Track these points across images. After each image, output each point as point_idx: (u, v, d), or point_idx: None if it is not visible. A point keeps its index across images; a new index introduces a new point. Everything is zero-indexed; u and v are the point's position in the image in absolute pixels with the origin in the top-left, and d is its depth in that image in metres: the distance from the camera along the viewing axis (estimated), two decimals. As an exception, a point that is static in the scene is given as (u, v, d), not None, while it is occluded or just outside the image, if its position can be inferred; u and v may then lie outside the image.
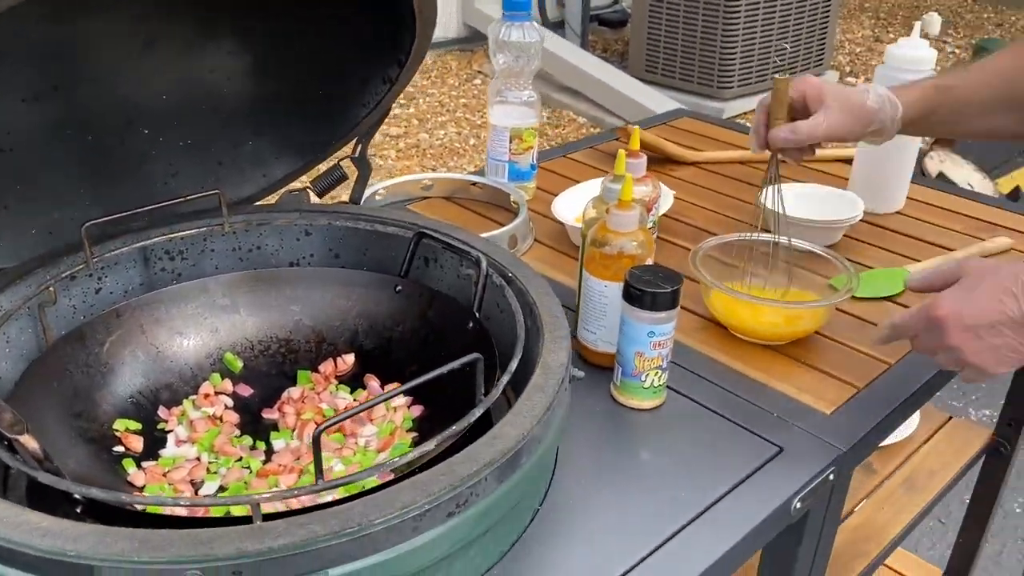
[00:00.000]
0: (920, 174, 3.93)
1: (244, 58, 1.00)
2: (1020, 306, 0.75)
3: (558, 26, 5.00)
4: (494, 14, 4.58)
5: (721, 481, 0.79)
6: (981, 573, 1.67)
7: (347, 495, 0.65)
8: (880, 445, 1.42)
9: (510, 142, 1.30)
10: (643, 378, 0.86)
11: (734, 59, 4.18)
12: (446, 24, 4.76)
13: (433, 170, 3.54)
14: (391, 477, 0.67)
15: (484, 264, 0.88)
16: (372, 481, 0.68)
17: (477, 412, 0.67)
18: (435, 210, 1.31)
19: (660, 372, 0.87)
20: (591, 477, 0.79)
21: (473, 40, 4.81)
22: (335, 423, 0.61)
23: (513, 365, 0.73)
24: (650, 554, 0.71)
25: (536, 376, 0.73)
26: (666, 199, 1.25)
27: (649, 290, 0.83)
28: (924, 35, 6.07)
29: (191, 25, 0.96)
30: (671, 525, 0.74)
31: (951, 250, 1.22)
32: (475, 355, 0.68)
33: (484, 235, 1.14)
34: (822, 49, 4.61)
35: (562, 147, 1.57)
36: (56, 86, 0.87)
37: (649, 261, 0.90)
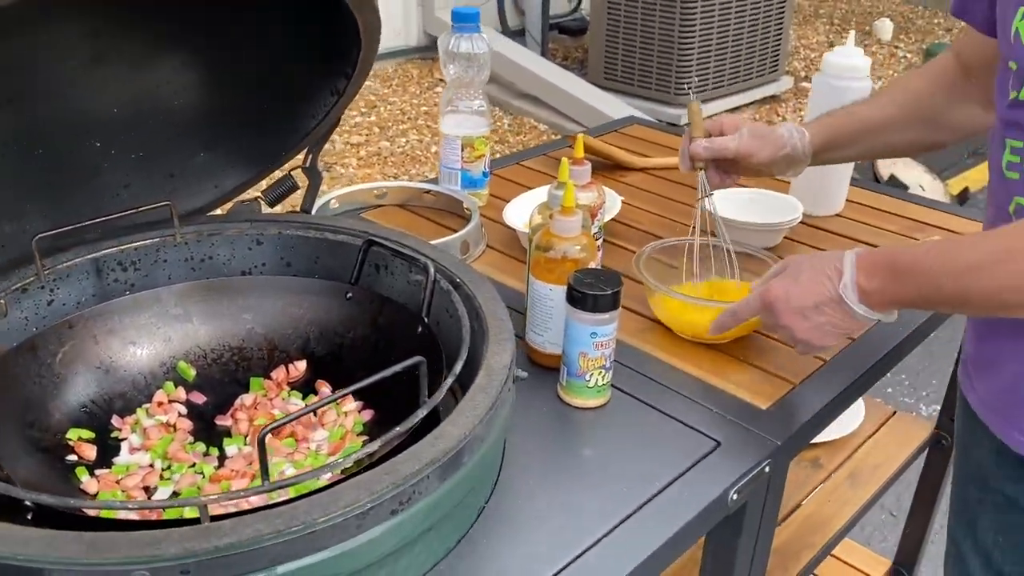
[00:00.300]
0: (873, 178, 4.04)
1: (195, 71, 1.02)
2: (836, 287, 0.85)
3: (518, 34, 5.04)
4: (454, 22, 4.61)
5: (661, 475, 0.82)
6: (928, 563, 1.72)
7: (297, 496, 0.67)
8: (826, 440, 1.47)
9: (462, 150, 1.32)
10: (587, 378, 0.89)
11: (690, 66, 4.25)
12: (407, 33, 4.78)
13: (395, 177, 3.55)
14: (339, 477, 0.70)
15: (432, 270, 0.90)
16: (322, 482, 0.70)
17: (421, 413, 0.70)
18: (389, 218, 1.33)
19: (604, 372, 0.90)
20: (537, 475, 0.82)
21: (434, 49, 4.81)
22: (280, 425, 0.63)
23: (458, 367, 0.76)
24: (591, 546, 0.74)
25: (480, 377, 0.75)
26: (613, 204, 1.29)
27: (591, 292, 0.86)
28: (877, 40, 6.20)
29: (141, 39, 0.97)
30: (613, 518, 0.77)
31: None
32: (418, 358, 0.70)
33: (436, 242, 1.16)
34: (776, 55, 4.69)
35: (516, 154, 1.60)
36: (9, 99, 0.88)
37: (593, 264, 0.93)
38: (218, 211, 1.10)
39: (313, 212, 1.26)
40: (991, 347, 0.94)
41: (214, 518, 0.61)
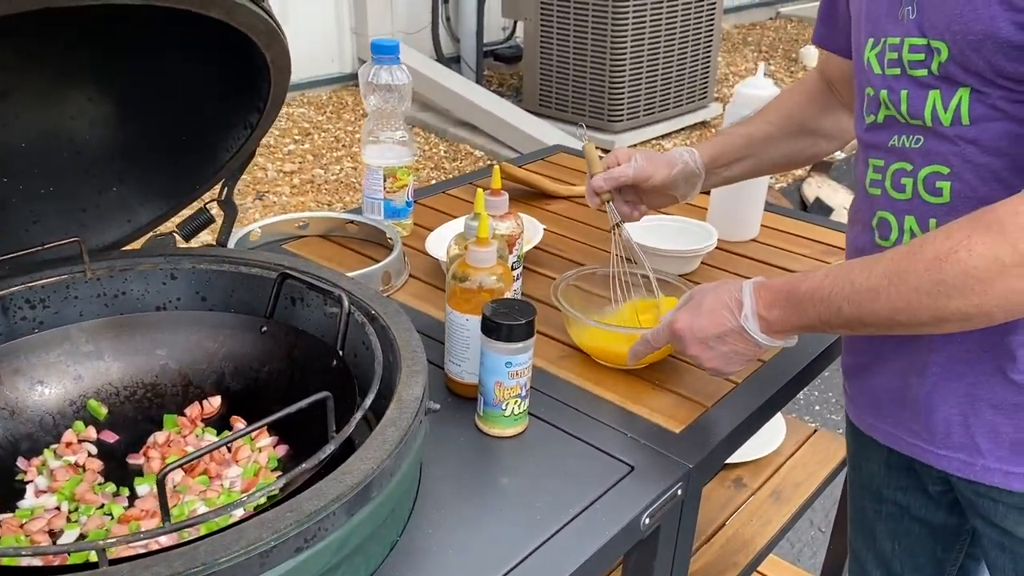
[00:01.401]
0: (800, 203, 4.15)
1: (106, 104, 1.01)
2: (737, 318, 0.89)
3: (453, 61, 5.08)
4: (388, 50, 4.62)
5: (575, 502, 0.83)
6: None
7: (208, 534, 0.66)
8: (749, 460, 1.51)
9: (384, 180, 1.33)
10: (504, 407, 0.90)
11: (622, 93, 4.33)
12: (341, 59, 4.78)
13: (328, 205, 3.54)
14: (247, 515, 0.69)
15: (346, 303, 0.90)
16: (231, 519, 0.69)
17: (328, 449, 0.69)
18: (311, 249, 1.33)
19: (520, 400, 0.91)
20: (452, 506, 0.82)
21: (369, 76, 4.84)
22: (178, 465, 0.62)
23: (367, 402, 0.76)
24: (515, 567, 0.74)
25: (390, 411, 0.76)
26: (535, 233, 1.31)
27: (505, 322, 0.87)
28: (803, 67, 6.39)
29: (49, 72, 0.96)
30: (526, 547, 0.77)
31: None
32: (325, 394, 0.70)
33: (355, 273, 1.17)
34: (705, 82, 4.81)
35: (441, 183, 1.61)
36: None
37: (509, 294, 0.94)
38: (133, 245, 1.08)
39: (232, 244, 1.25)
40: (869, 354, 0.98)
41: (115, 561, 0.60)
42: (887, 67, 0.87)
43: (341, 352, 0.90)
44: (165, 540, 0.72)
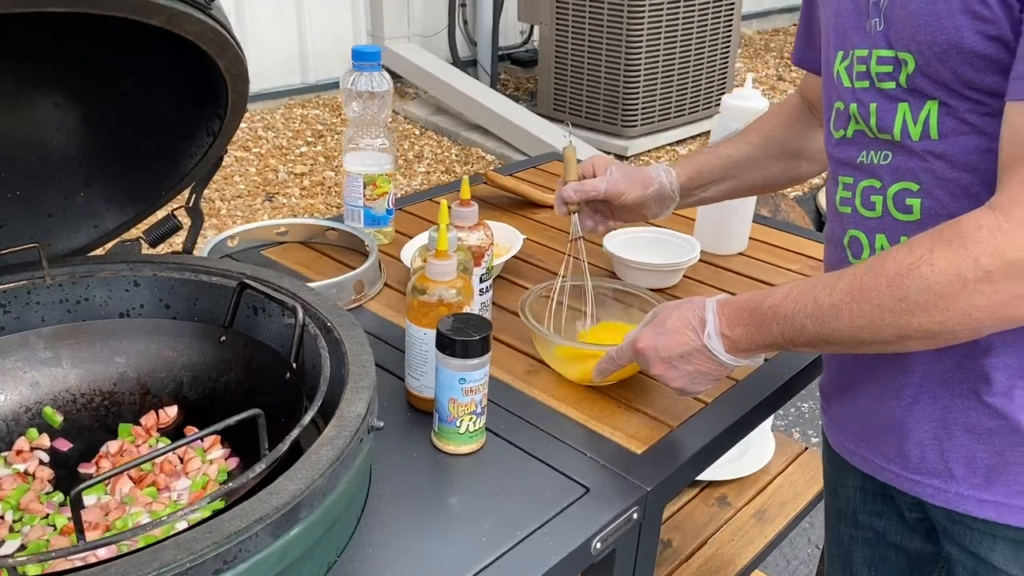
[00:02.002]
0: (816, 212, 4.10)
1: (73, 110, 1.01)
2: (700, 337, 0.87)
3: (470, 65, 5.07)
4: (404, 52, 4.63)
5: (525, 524, 0.81)
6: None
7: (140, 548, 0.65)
8: (734, 478, 1.47)
9: (364, 188, 1.32)
10: (458, 424, 0.88)
11: (636, 98, 4.30)
12: (357, 62, 4.78)
13: (337, 208, 3.53)
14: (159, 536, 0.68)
15: (300, 314, 0.89)
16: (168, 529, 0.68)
17: (257, 469, 0.68)
18: (290, 255, 1.32)
19: (475, 417, 0.89)
20: (398, 525, 0.80)
21: (384, 78, 4.85)
22: (92, 485, 0.61)
23: (305, 419, 0.74)
24: (443, 600, 0.73)
25: (328, 429, 0.74)
26: (515, 243, 1.29)
27: (459, 338, 0.85)
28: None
29: (15, 78, 0.96)
30: (467, 571, 0.75)
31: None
32: (255, 411, 0.69)
33: (328, 281, 1.15)
34: (723, 88, 4.76)
35: (428, 191, 1.60)
36: None
37: (468, 308, 0.93)
38: (100, 251, 1.07)
39: (208, 249, 1.25)
40: (845, 376, 0.96)
41: (29, 579, 0.59)
42: (856, 80, 0.84)
43: (294, 365, 0.88)
44: (104, 553, 0.71)
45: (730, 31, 4.61)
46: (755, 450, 1.54)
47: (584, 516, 0.83)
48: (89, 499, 0.85)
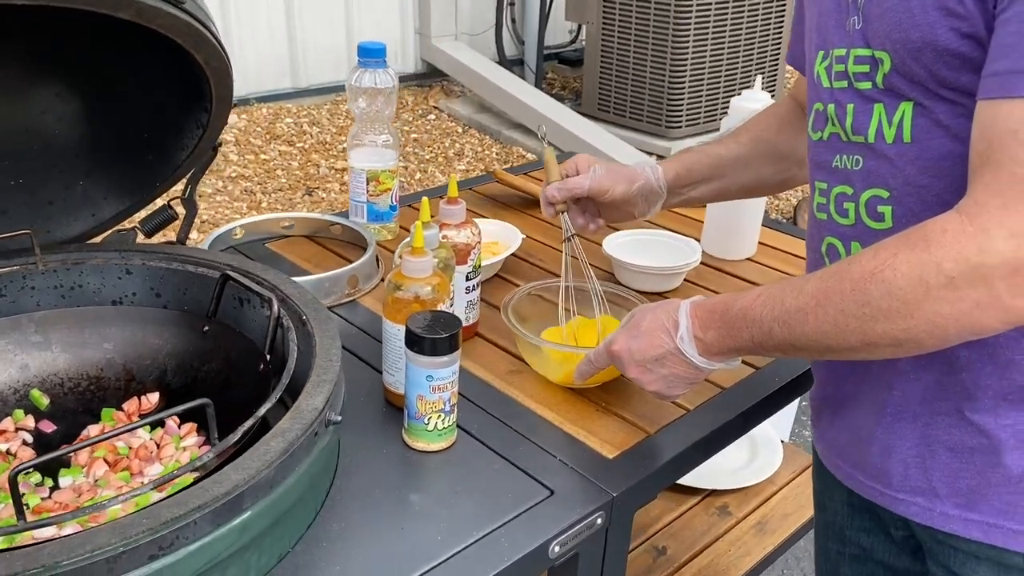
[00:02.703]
0: (793, 225, 4.00)
1: (73, 101, 1.03)
2: (673, 340, 0.85)
3: (516, 63, 5.07)
4: (450, 50, 4.65)
5: (483, 524, 0.80)
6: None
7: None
8: (738, 487, 1.45)
9: (367, 184, 1.32)
10: (426, 421, 0.88)
11: (682, 99, 4.24)
12: (404, 60, 4.82)
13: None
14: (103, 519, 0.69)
15: (276, 306, 0.90)
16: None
17: (204, 458, 0.69)
18: (294, 249, 1.34)
19: (443, 415, 0.89)
20: (355, 520, 0.81)
21: (430, 76, 4.87)
22: (32, 465, 0.63)
23: (261, 411, 0.75)
24: (390, 596, 0.73)
25: (283, 421, 0.75)
26: (514, 240, 1.28)
27: (427, 336, 0.85)
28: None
29: (16, 70, 0.99)
30: (420, 567, 0.75)
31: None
32: (204, 400, 0.70)
33: (321, 275, 1.16)
34: (772, 88, 4.68)
35: (438, 188, 1.60)
36: None
37: (443, 306, 0.92)
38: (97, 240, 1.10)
39: (210, 240, 1.27)
40: (832, 389, 0.93)
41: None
42: (835, 80, 0.82)
43: (268, 357, 0.89)
44: (47, 534, 0.72)
45: (781, 31, 4.53)
46: (761, 460, 1.51)
47: (544, 519, 0.82)
48: (64, 480, 0.87)
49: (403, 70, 4.84)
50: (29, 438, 0.92)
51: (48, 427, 0.94)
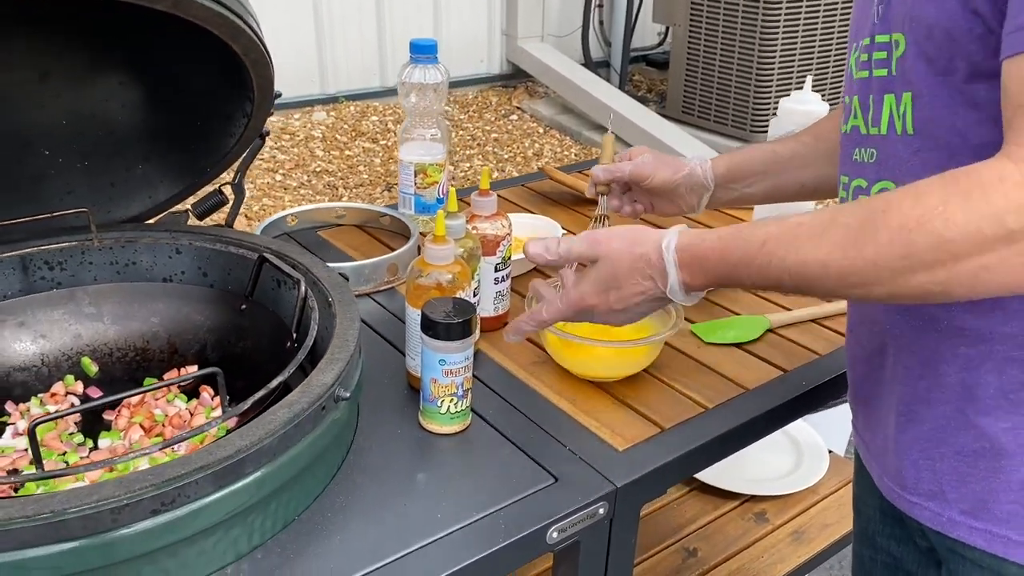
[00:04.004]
0: None
1: (135, 89, 1.10)
2: (657, 284, 0.82)
3: (602, 65, 5.06)
4: (534, 51, 4.68)
5: (484, 505, 0.82)
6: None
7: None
8: (777, 494, 1.43)
9: (415, 176, 1.36)
10: (439, 404, 0.91)
11: (768, 102, 4.16)
12: (490, 61, 4.88)
13: (452, 201, 3.62)
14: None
15: (303, 287, 0.94)
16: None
17: (215, 424, 0.73)
18: (343, 237, 1.38)
19: (456, 399, 0.91)
20: (360, 495, 0.84)
21: (516, 77, 4.91)
22: (53, 419, 0.68)
23: (273, 383, 0.79)
24: (387, 564, 0.75)
25: (293, 393, 0.78)
26: (554, 234, 1.30)
27: (441, 321, 0.88)
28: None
29: (83, 59, 1.06)
30: (416, 542, 0.78)
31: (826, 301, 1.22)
32: (214, 369, 0.74)
33: (361, 262, 1.21)
34: (865, 97, 4.54)
35: (494, 183, 1.62)
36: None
37: (460, 294, 0.95)
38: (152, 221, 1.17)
39: (264, 226, 1.33)
40: (860, 390, 0.92)
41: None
42: (858, 69, 0.81)
43: (295, 334, 0.94)
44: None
45: (875, 37, 4.39)
46: (805, 468, 1.48)
47: (545, 504, 0.83)
48: (103, 442, 0.93)
49: (488, 71, 4.90)
50: (77, 402, 0.99)
51: (95, 392, 1.00)
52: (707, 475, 1.44)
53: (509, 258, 1.10)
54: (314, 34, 4.21)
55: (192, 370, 1.02)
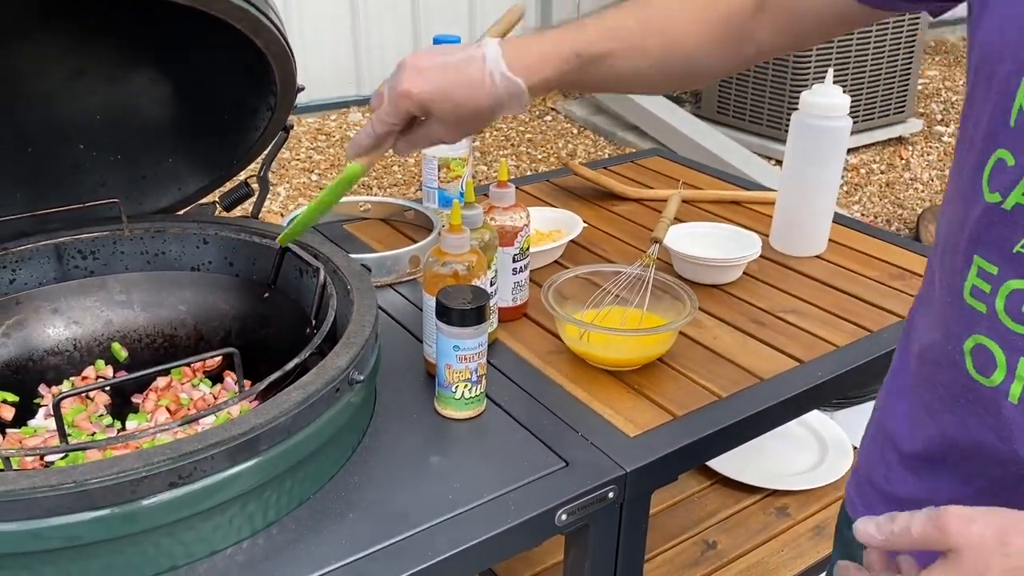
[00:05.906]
0: (915, 240, 3.76)
1: (165, 84, 1.14)
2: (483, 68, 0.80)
3: (637, 66, 5.06)
4: (569, 52, 4.68)
5: (494, 487, 0.84)
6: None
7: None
8: (800, 489, 1.42)
9: (439, 170, 1.38)
10: (454, 389, 0.93)
11: (803, 103, 4.12)
12: (524, 61, 4.89)
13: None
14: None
15: (322, 275, 0.97)
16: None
17: (226, 407, 0.76)
18: (368, 230, 1.41)
19: (471, 385, 0.93)
20: (374, 475, 0.86)
21: (550, 77, 4.94)
22: (75, 394, 0.71)
23: (289, 365, 0.82)
24: (397, 542, 0.77)
25: (308, 375, 0.81)
26: (574, 227, 1.31)
27: (455, 307, 0.90)
28: None
29: (116, 55, 1.10)
30: (427, 521, 0.80)
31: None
32: (231, 349, 0.77)
33: (383, 254, 1.23)
34: (903, 96, 4.48)
35: (517, 179, 1.64)
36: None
37: (476, 282, 0.97)
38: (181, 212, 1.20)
39: (291, 218, 1.35)
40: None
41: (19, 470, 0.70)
42: None
43: (314, 321, 0.96)
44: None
45: (914, 35, 4.33)
46: (829, 464, 1.47)
47: (554, 487, 0.85)
48: (131, 424, 0.96)
49: (523, 72, 4.92)
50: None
51: (124, 377, 1.04)
52: (729, 469, 1.44)
53: (527, 249, 1.12)
54: (351, 36, 4.26)
55: (217, 357, 1.04)
